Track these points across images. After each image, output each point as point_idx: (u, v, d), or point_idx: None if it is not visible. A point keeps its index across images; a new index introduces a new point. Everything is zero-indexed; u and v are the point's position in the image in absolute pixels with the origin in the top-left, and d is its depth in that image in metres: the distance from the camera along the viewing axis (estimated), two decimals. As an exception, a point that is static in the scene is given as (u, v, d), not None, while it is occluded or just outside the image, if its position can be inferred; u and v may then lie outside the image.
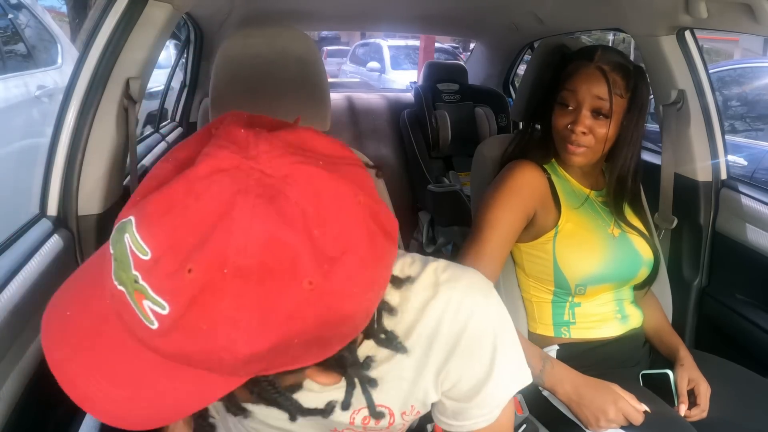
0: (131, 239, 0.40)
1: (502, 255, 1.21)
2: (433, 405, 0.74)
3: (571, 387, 1.12)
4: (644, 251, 1.28)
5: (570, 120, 1.18)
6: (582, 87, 1.16)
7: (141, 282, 0.40)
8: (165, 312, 0.39)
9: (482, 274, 0.82)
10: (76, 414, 1.02)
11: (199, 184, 0.40)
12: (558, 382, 1.13)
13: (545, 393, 1.24)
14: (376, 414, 0.60)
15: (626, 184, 1.26)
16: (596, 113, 1.17)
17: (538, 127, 1.35)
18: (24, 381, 0.88)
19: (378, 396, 0.64)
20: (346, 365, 0.50)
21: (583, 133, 1.17)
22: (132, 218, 0.41)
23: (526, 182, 1.22)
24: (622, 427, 1.08)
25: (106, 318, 0.44)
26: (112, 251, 0.42)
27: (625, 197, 1.29)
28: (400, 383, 0.70)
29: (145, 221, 0.40)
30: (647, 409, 1.08)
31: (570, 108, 1.18)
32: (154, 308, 0.40)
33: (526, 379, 0.73)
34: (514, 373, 0.72)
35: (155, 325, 0.40)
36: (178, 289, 0.39)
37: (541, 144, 1.30)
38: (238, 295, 0.39)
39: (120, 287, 0.42)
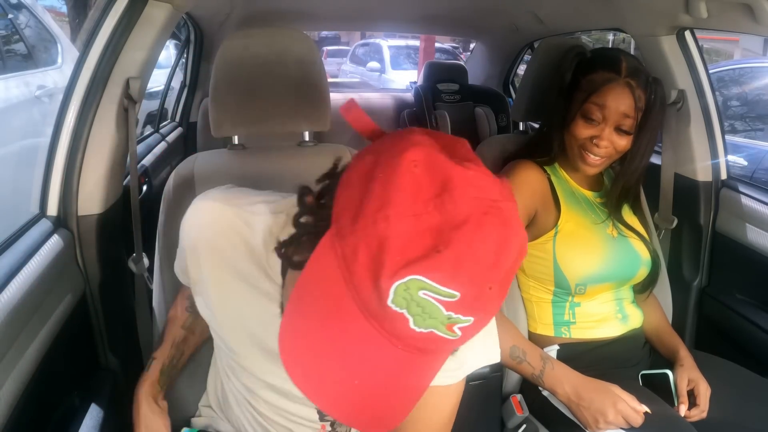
0: (435, 292, 0.47)
1: None
2: None
3: (570, 388, 1.12)
4: (643, 251, 1.28)
5: (593, 133, 1.17)
6: (611, 104, 1.14)
7: (454, 316, 0.48)
8: (469, 324, 0.49)
9: None
10: (76, 414, 1.02)
11: (474, 234, 0.48)
12: (558, 383, 1.13)
13: (545, 393, 1.24)
14: None
15: (631, 191, 1.27)
16: (619, 128, 1.16)
17: (536, 125, 1.35)
18: (24, 381, 0.88)
19: None
20: None
21: (605, 146, 1.17)
22: (419, 277, 0.46)
23: (526, 181, 1.23)
24: (622, 428, 1.08)
25: (398, 358, 0.50)
26: (401, 311, 0.47)
27: (628, 201, 1.29)
28: None
29: (447, 276, 0.47)
30: (647, 410, 1.08)
31: (594, 121, 1.17)
32: (462, 326, 0.49)
33: (495, 358, 0.81)
34: (488, 347, 0.81)
35: (458, 335, 0.50)
36: (483, 304, 0.49)
37: (545, 145, 1.29)
38: (505, 289, 0.51)
39: (426, 330, 0.48)
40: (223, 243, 0.78)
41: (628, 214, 1.32)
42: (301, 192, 0.62)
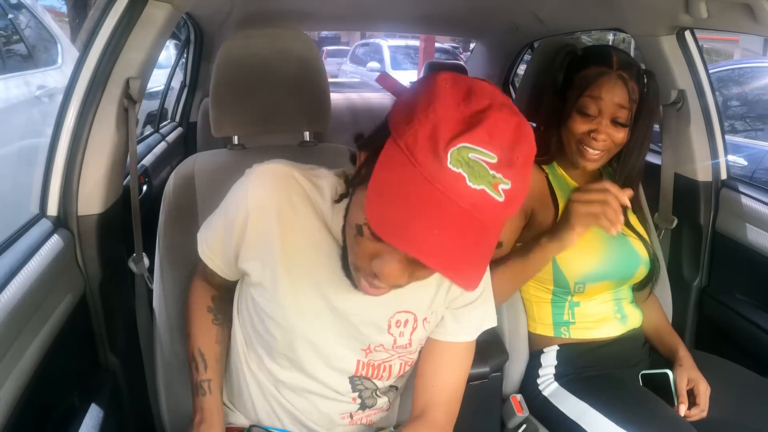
0: (479, 153, 0.62)
1: (501, 254, 1.21)
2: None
3: (549, 233, 1.12)
4: (642, 251, 1.28)
5: (590, 127, 1.17)
6: (605, 96, 1.15)
7: (497, 175, 0.63)
8: (508, 187, 0.63)
9: None
10: (76, 414, 1.02)
11: (498, 114, 0.64)
12: (539, 239, 1.13)
13: (545, 393, 1.25)
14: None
15: (633, 185, 1.27)
16: (615, 121, 1.17)
17: (534, 125, 1.34)
18: (24, 381, 0.88)
19: (405, 302, 0.89)
20: None
21: (603, 139, 1.17)
22: (466, 144, 0.62)
23: None
24: (622, 427, 1.08)
25: (462, 215, 0.63)
26: (458, 170, 0.61)
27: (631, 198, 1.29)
28: (426, 290, 0.90)
29: (485, 141, 0.62)
30: (611, 187, 1.05)
31: (590, 115, 1.17)
32: (504, 187, 0.63)
33: (494, 322, 0.98)
34: (492, 311, 0.98)
35: (503, 198, 0.63)
36: (515, 173, 0.64)
37: (542, 145, 1.28)
38: (528, 168, 0.68)
39: (478, 188, 0.62)
40: (296, 201, 0.86)
41: (628, 214, 1.32)
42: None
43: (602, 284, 1.24)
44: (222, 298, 1.02)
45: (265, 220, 0.85)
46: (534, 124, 1.56)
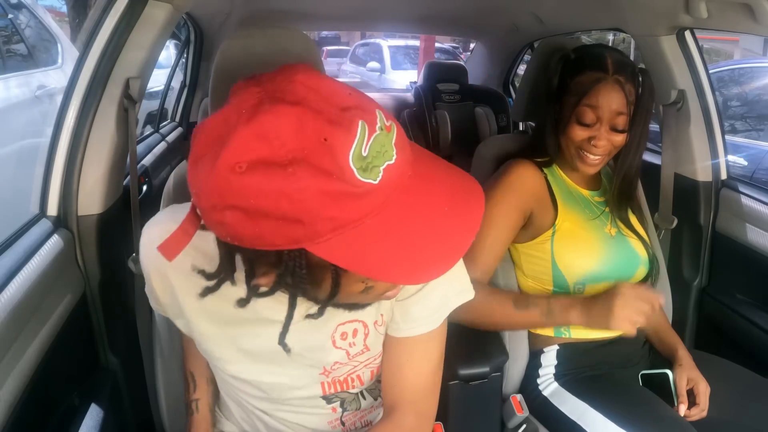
0: (362, 136, 0.53)
1: (498, 251, 1.21)
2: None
3: (582, 309, 1.12)
4: (642, 251, 1.28)
5: (589, 134, 1.17)
6: (603, 103, 1.14)
7: (385, 123, 0.57)
8: (393, 125, 0.58)
9: (478, 268, 0.86)
10: (76, 414, 1.02)
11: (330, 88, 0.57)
12: (568, 308, 1.13)
13: (545, 393, 1.24)
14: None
15: (632, 184, 1.27)
16: (614, 127, 1.16)
17: (532, 124, 1.34)
18: (24, 381, 0.88)
19: (346, 315, 0.79)
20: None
21: (603, 145, 1.17)
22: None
23: (522, 180, 1.23)
24: (622, 427, 1.08)
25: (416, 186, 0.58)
26: (371, 169, 0.53)
27: (629, 199, 1.29)
28: None
29: (341, 124, 0.53)
30: (661, 301, 1.09)
31: (589, 123, 1.17)
32: (392, 126, 0.58)
33: (470, 294, 0.85)
34: (461, 285, 0.85)
35: (396, 151, 0.57)
36: (368, 107, 0.57)
37: (541, 148, 1.28)
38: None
39: (396, 159, 0.56)
40: (183, 259, 0.69)
41: (628, 214, 1.31)
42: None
43: (602, 285, 1.24)
44: None
45: (165, 282, 0.81)
46: (533, 124, 1.56)
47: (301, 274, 0.57)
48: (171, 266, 0.74)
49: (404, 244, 0.56)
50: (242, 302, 0.66)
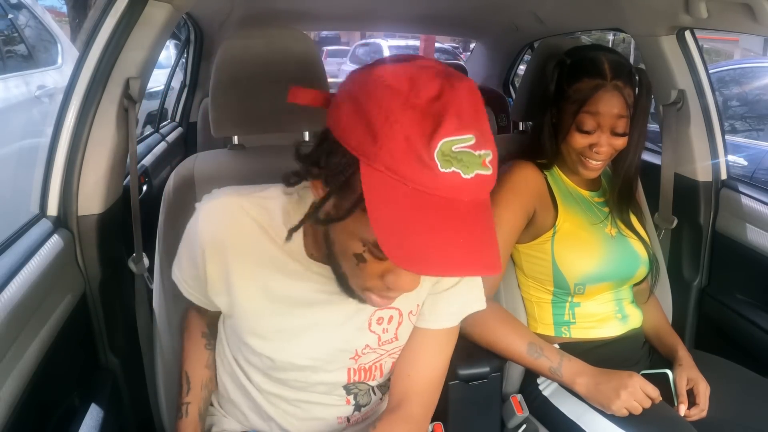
0: (460, 142, 0.60)
1: (505, 253, 1.21)
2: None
3: (589, 378, 1.14)
4: (642, 251, 1.28)
5: (591, 141, 1.17)
6: (604, 110, 1.14)
7: (482, 152, 0.61)
8: (491, 156, 0.62)
9: None
10: (76, 414, 1.02)
11: (452, 95, 0.61)
12: (576, 374, 1.15)
13: (545, 393, 1.24)
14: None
15: (632, 183, 1.27)
16: (615, 131, 1.16)
17: (531, 123, 1.34)
18: (24, 381, 0.88)
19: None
20: None
21: (604, 151, 1.17)
22: (445, 139, 0.59)
23: (523, 182, 1.23)
24: (621, 427, 1.08)
25: (469, 208, 0.62)
26: (450, 170, 0.59)
27: (629, 199, 1.29)
28: None
29: (458, 126, 0.60)
30: (656, 399, 1.10)
31: (590, 130, 1.16)
32: (488, 159, 0.62)
33: (482, 305, 0.93)
34: (478, 295, 0.93)
35: (491, 170, 0.62)
36: (489, 140, 0.63)
37: (540, 151, 1.28)
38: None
39: (473, 175, 0.61)
40: (246, 233, 0.82)
41: (628, 214, 1.31)
42: (304, 162, 0.72)
43: (602, 285, 1.24)
44: (216, 325, 1.02)
45: (221, 256, 0.83)
46: (531, 123, 1.56)
47: (339, 180, 0.65)
48: (231, 238, 0.82)
49: (418, 231, 0.59)
50: (288, 236, 0.74)
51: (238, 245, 0.83)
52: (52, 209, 1.17)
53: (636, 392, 1.09)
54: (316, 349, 0.87)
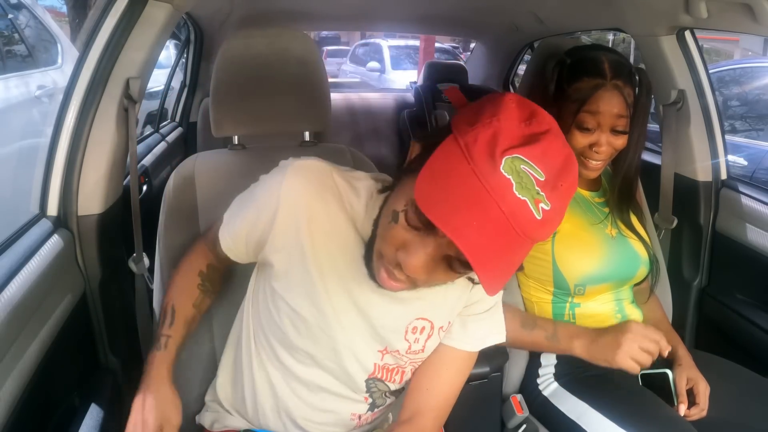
0: (530, 167, 0.65)
1: None
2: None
3: (586, 340, 1.14)
4: (642, 251, 1.28)
5: (591, 140, 1.17)
6: (604, 109, 1.14)
7: (541, 193, 0.65)
8: (548, 208, 0.66)
9: None
10: (76, 414, 1.02)
11: (554, 139, 0.69)
12: (573, 338, 1.15)
13: (545, 393, 1.24)
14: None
15: (632, 183, 1.27)
16: (615, 130, 1.16)
17: None
18: (24, 381, 0.88)
19: (425, 310, 0.90)
20: None
21: (605, 150, 1.17)
22: (521, 156, 0.65)
23: None
24: (621, 427, 1.08)
25: (501, 219, 0.65)
26: (508, 176, 0.65)
27: (629, 198, 1.29)
28: (445, 300, 0.91)
29: (538, 158, 0.66)
30: (666, 346, 1.10)
31: (590, 129, 1.16)
32: (543, 207, 0.66)
33: (502, 338, 0.98)
34: (500, 329, 0.98)
35: (540, 216, 0.66)
36: (557, 197, 0.67)
37: None
38: (567, 201, 0.71)
39: (522, 198, 0.65)
40: (330, 199, 0.86)
41: (628, 214, 1.31)
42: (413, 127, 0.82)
43: (602, 286, 1.24)
44: (216, 270, 1.03)
45: (296, 212, 0.85)
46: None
47: (429, 142, 0.73)
48: (315, 197, 0.85)
49: (452, 194, 0.65)
50: (383, 190, 0.83)
51: (317, 206, 0.85)
52: (52, 209, 1.17)
53: (636, 336, 1.08)
54: (355, 327, 0.89)
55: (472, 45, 4.20)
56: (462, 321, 0.94)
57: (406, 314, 0.89)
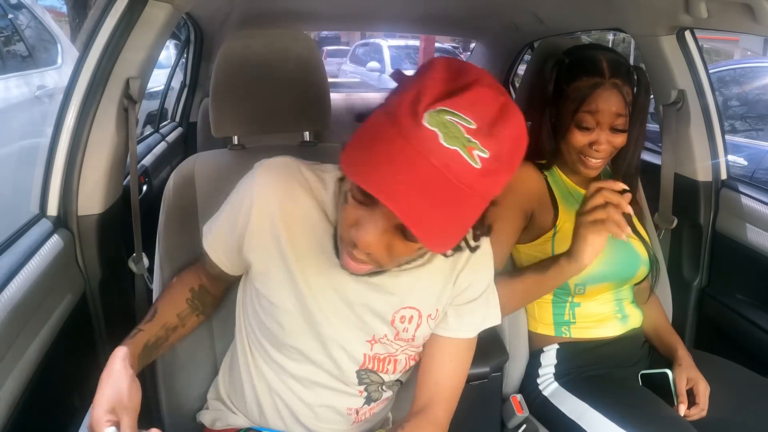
0: (457, 117, 0.63)
1: (503, 254, 1.21)
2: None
3: (565, 256, 1.09)
4: (642, 251, 1.28)
5: (590, 139, 1.17)
6: (603, 107, 1.14)
7: (473, 140, 0.63)
8: (486, 156, 0.64)
9: None
10: (75, 414, 1.02)
11: (484, 90, 0.66)
12: (554, 260, 1.11)
13: (545, 393, 1.25)
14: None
15: (632, 183, 1.27)
16: (614, 128, 1.16)
17: (530, 123, 1.33)
18: (24, 381, 0.89)
19: (410, 299, 0.90)
20: None
21: (604, 149, 1.17)
22: (445, 108, 0.64)
23: (522, 182, 1.23)
24: (621, 427, 1.08)
25: (434, 173, 0.64)
26: (433, 128, 0.63)
27: (631, 197, 1.29)
28: (432, 287, 0.91)
29: (465, 107, 0.64)
30: (622, 186, 1.00)
31: (589, 128, 1.16)
32: (480, 154, 0.64)
33: (498, 321, 0.98)
34: (495, 312, 0.98)
35: (479, 165, 0.64)
36: (496, 145, 0.65)
37: (538, 152, 1.28)
38: (517, 154, 0.69)
39: (452, 148, 0.63)
40: (300, 194, 0.87)
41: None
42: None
43: (602, 285, 1.24)
44: (207, 292, 1.03)
45: (269, 209, 0.87)
46: (530, 123, 1.56)
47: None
48: (286, 193, 0.86)
49: (377, 156, 0.65)
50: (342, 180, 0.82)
51: (288, 201, 0.87)
52: (52, 209, 1.17)
53: (582, 212, 1.02)
54: (340, 316, 0.89)
55: (472, 45, 4.20)
56: (456, 311, 0.95)
57: (390, 303, 0.90)
